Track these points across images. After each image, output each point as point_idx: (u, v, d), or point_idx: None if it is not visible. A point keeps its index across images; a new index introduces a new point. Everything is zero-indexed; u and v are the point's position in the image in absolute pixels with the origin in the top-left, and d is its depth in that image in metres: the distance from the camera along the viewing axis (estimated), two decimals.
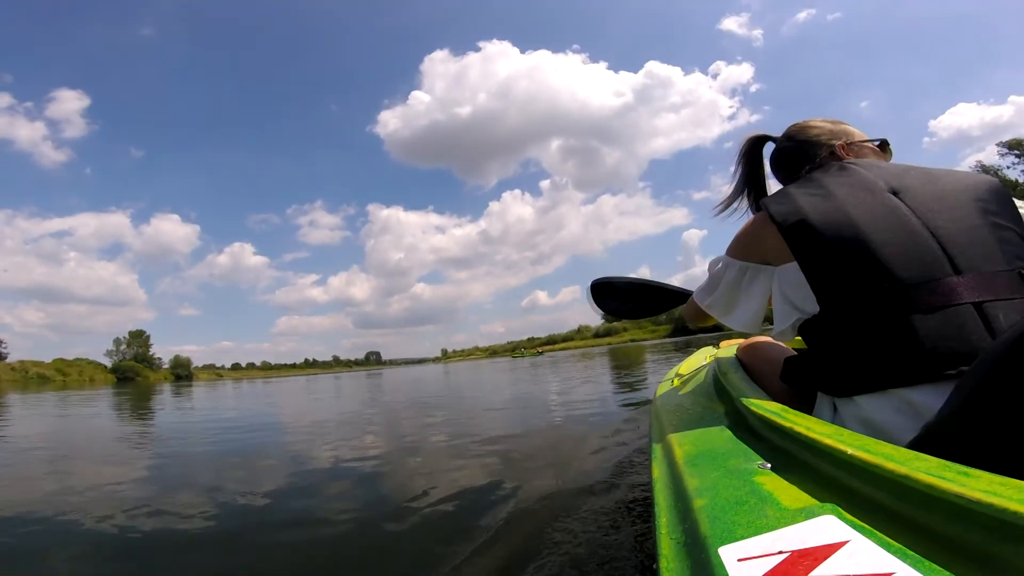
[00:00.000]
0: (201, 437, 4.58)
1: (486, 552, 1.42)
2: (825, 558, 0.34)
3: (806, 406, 0.85)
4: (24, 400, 14.37)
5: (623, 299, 1.66)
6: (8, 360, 62.02)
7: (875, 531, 0.35)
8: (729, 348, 1.31)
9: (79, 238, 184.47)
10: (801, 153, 0.92)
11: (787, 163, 0.96)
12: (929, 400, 0.60)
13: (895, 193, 0.73)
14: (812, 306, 0.73)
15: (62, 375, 58.85)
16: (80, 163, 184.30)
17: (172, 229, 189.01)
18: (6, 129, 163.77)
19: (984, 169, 33.60)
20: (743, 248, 0.86)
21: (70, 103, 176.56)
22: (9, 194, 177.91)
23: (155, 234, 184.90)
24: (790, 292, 0.77)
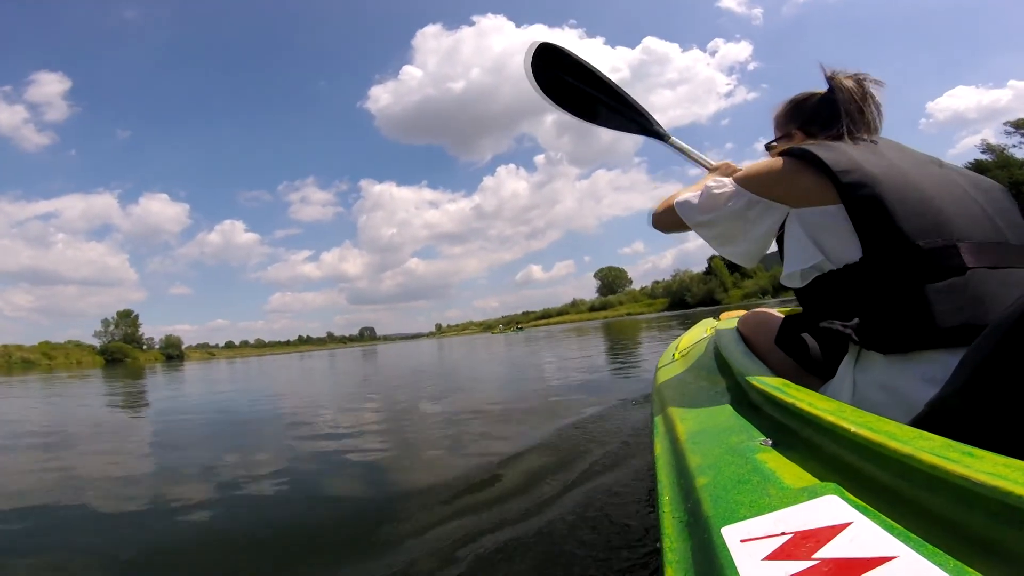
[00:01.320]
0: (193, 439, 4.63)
1: (487, 526, 1.44)
2: (828, 540, 0.34)
3: (807, 378, 0.85)
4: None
5: (574, 82, 1.40)
6: None
7: (877, 512, 0.35)
8: (730, 320, 1.31)
9: (66, 220, 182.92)
10: (860, 112, 0.86)
11: (827, 115, 0.89)
12: None
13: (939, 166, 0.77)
14: (847, 254, 0.72)
15: (48, 359, 56.78)
16: (64, 145, 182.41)
17: (161, 208, 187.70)
18: None
19: (989, 147, 32.97)
20: (760, 183, 0.82)
21: (51, 86, 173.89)
22: None
23: (144, 214, 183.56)
24: (820, 236, 0.76)
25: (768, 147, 1.02)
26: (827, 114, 0.89)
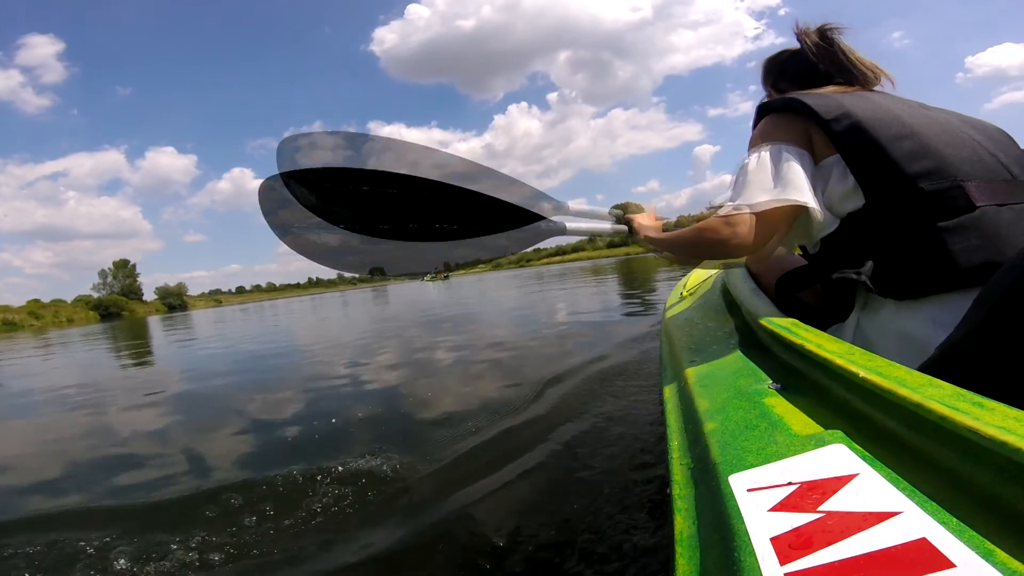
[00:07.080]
0: None
1: (499, 466, 1.50)
2: (833, 492, 0.34)
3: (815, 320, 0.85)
4: None
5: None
6: None
7: (883, 464, 0.35)
8: None
9: (75, 178, 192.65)
10: (837, 64, 0.82)
11: (795, 70, 0.87)
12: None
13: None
14: (848, 205, 0.70)
15: (35, 318, 53.05)
16: (65, 106, 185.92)
17: (169, 161, 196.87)
18: None
19: None
20: (773, 133, 0.75)
21: (42, 48, 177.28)
22: None
23: (152, 167, 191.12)
24: (823, 190, 0.73)
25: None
26: (795, 69, 0.86)
